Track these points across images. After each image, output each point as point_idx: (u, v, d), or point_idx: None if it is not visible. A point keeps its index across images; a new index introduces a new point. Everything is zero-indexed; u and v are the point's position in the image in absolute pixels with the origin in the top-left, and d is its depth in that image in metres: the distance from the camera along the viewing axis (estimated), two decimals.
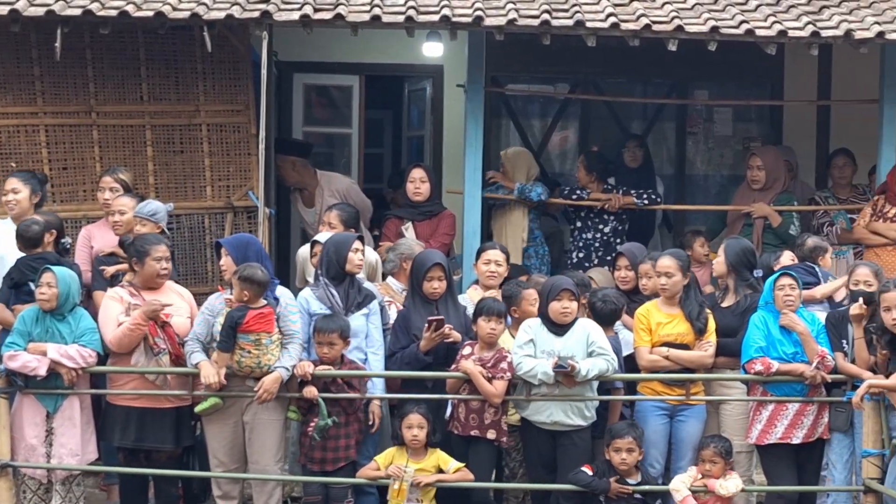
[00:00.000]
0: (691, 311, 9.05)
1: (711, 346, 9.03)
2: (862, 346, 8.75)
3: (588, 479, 8.63)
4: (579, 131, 13.37)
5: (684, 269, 9.14)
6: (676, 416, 9.05)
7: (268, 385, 8.58)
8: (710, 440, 8.87)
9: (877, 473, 8.72)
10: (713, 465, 8.76)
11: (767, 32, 10.07)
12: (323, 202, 11.31)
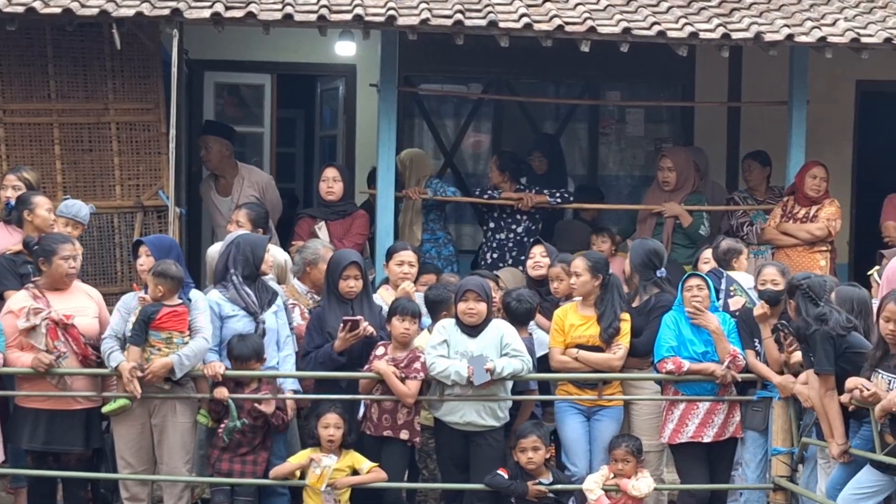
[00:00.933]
0: (604, 316, 9.08)
1: (621, 350, 9.05)
2: (771, 346, 8.83)
3: (506, 483, 8.63)
4: (492, 131, 13.37)
5: (594, 270, 9.14)
6: (592, 417, 9.07)
7: (155, 368, 8.46)
8: (621, 440, 8.90)
9: (786, 472, 8.82)
10: (625, 464, 8.80)
11: (679, 34, 10.14)
12: (241, 193, 11.21)
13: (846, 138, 12.80)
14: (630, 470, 8.79)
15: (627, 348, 9.06)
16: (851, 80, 12.57)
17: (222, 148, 11.38)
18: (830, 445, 8.12)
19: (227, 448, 8.65)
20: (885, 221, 11.29)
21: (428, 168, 11.82)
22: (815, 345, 8.05)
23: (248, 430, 8.63)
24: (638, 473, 8.82)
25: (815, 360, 8.06)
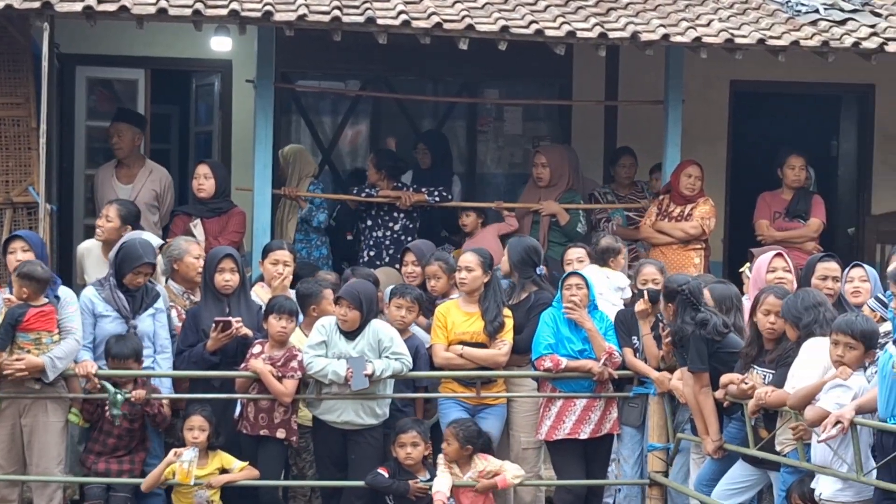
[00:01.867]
0: (488, 311, 9.07)
1: (506, 346, 9.06)
2: (650, 343, 8.90)
3: (387, 482, 8.59)
4: (370, 129, 13.32)
5: (485, 265, 9.16)
6: (477, 415, 9.06)
7: (22, 365, 8.26)
8: (456, 420, 8.84)
9: (662, 467, 8.90)
10: (448, 445, 8.69)
11: (556, 33, 10.17)
12: (144, 186, 11.02)
13: (720, 137, 12.95)
14: (454, 453, 8.73)
15: (512, 344, 9.06)
16: (725, 80, 12.73)
17: (134, 136, 11.24)
18: (705, 441, 8.21)
19: (102, 451, 8.50)
20: (758, 219, 11.44)
21: (311, 165, 11.74)
22: (688, 344, 8.12)
23: (124, 432, 8.50)
24: (473, 461, 8.76)
25: (688, 358, 8.15)
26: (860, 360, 7.11)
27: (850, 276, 8.46)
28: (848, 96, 13.56)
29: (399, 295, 9.18)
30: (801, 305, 7.54)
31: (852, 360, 7.10)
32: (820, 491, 7.23)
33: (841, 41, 10.46)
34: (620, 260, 9.95)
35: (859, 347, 7.09)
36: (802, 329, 7.49)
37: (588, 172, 12.25)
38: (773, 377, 7.69)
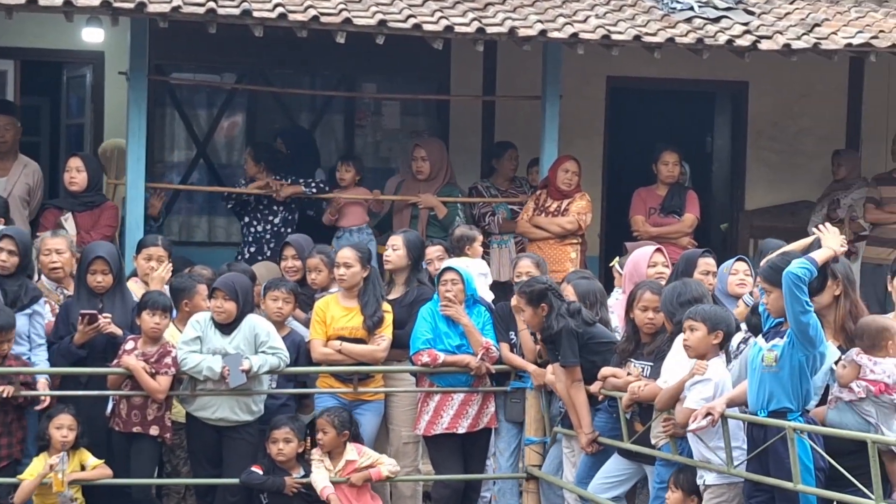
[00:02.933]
0: (367, 306, 9.03)
1: (385, 341, 9.02)
2: (527, 337, 8.92)
3: (261, 479, 8.51)
4: (246, 122, 13.19)
5: (364, 260, 9.11)
6: (355, 411, 9.01)
7: None
8: (327, 409, 8.82)
9: (538, 461, 8.93)
10: (324, 434, 8.68)
11: (434, 28, 10.15)
12: (18, 179, 10.82)
13: (597, 133, 13.04)
14: (329, 441, 8.68)
15: (391, 339, 9.03)
16: (602, 76, 12.80)
17: (16, 129, 11.05)
18: (579, 435, 8.25)
19: None
20: (633, 215, 11.54)
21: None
22: (559, 339, 8.15)
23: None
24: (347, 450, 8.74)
25: (560, 353, 8.18)
26: (706, 343, 7.17)
27: (734, 268, 8.57)
28: (722, 93, 13.73)
29: (274, 288, 9.11)
30: (677, 301, 7.60)
31: (697, 342, 7.16)
32: (704, 478, 7.29)
33: (715, 38, 10.57)
34: (477, 247, 9.93)
35: (700, 328, 7.16)
36: (675, 325, 7.55)
37: (466, 167, 12.26)
38: (651, 370, 7.76)
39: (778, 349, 6.73)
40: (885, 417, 6.75)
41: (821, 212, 12.30)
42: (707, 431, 7.18)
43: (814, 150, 13.11)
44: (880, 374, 6.71)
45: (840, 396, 6.81)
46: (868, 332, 6.79)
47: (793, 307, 6.58)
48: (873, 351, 6.77)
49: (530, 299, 8.29)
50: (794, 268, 6.58)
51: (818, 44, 10.66)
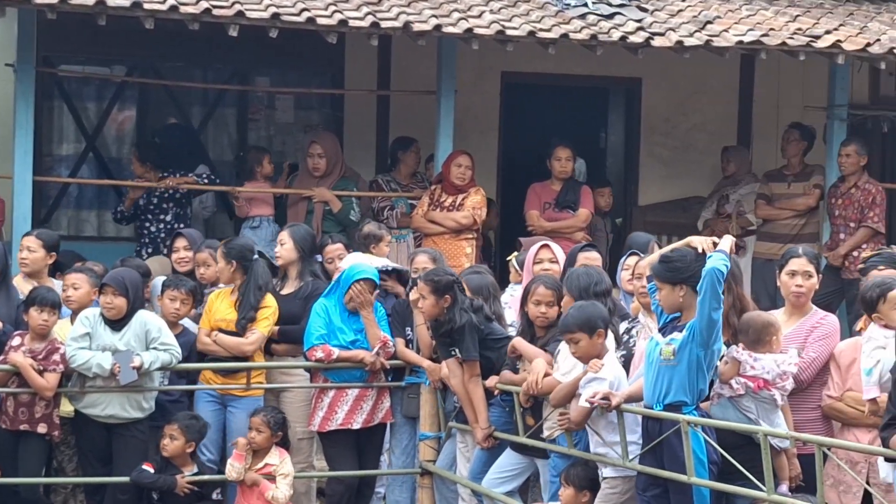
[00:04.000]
0: (243, 299, 8.96)
1: (255, 335, 8.94)
2: (423, 332, 8.90)
3: (152, 478, 8.41)
4: (137, 115, 13.01)
5: (228, 257, 9.05)
6: (228, 406, 8.92)
7: None
8: (262, 408, 8.78)
9: (433, 456, 8.92)
10: (259, 433, 8.66)
11: (328, 21, 10.09)
12: None
13: (492, 128, 13.05)
14: (264, 441, 8.64)
15: (264, 334, 8.96)
16: (497, 72, 12.82)
17: None
18: (475, 430, 8.25)
19: None
20: (528, 210, 11.57)
21: None
22: (461, 333, 8.13)
23: None
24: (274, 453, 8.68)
25: (462, 347, 8.15)
26: (594, 347, 7.21)
27: (626, 264, 8.62)
28: (616, 89, 13.82)
29: (173, 287, 8.99)
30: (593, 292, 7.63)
31: (584, 351, 7.22)
32: (601, 471, 7.34)
33: (609, 35, 10.62)
34: (383, 247, 9.92)
35: (581, 337, 7.22)
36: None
37: (361, 161, 12.21)
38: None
39: (676, 343, 6.77)
40: (766, 413, 6.81)
41: (710, 207, 12.44)
42: (603, 425, 7.21)
43: (706, 147, 13.24)
44: (760, 370, 6.77)
45: (721, 392, 6.87)
46: (753, 327, 6.85)
47: (710, 303, 6.60)
48: (757, 347, 6.82)
49: (436, 289, 8.23)
50: (718, 264, 6.60)
51: (710, 41, 10.75)
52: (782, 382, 6.80)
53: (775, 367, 6.77)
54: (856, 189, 11.55)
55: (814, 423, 7.13)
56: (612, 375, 7.19)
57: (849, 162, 11.51)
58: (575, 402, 7.31)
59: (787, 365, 6.80)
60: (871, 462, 6.77)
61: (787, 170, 12.20)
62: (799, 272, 7.34)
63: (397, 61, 12.52)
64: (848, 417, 7.03)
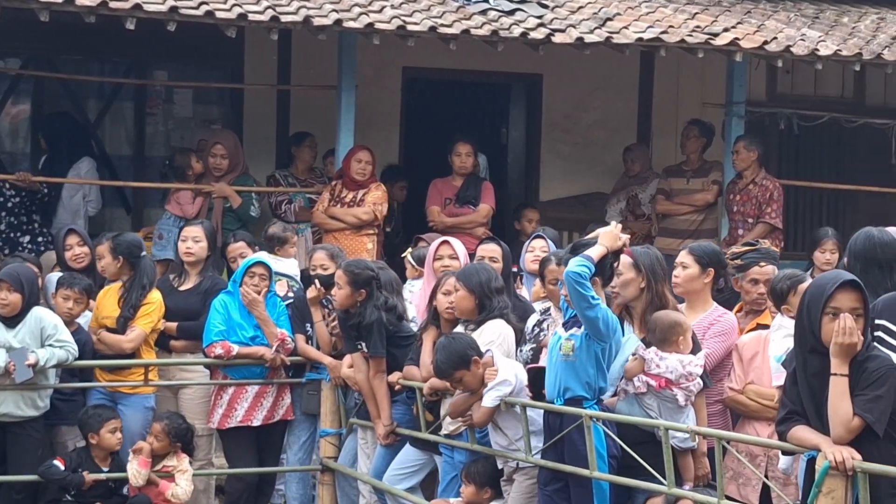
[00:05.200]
0: (127, 295, 8.88)
1: (134, 332, 8.84)
2: (322, 329, 8.88)
3: (62, 474, 8.30)
4: (32, 109, 12.80)
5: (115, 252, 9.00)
6: (118, 404, 8.82)
7: None
8: (166, 415, 8.68)
9: (333, 452, 8.89)
10: (157, 441, 8.55)
11: (227, 15, 10.01)
12: None
13: (393, 123, 13.02)
14: (162, 448, 8.55)
15: (145, 332, 8.86)
16: (398, 67, 12.79)
17: None
18: (377, 427, 8.22)
19: None
20: (429, 205, 11.55)
21: None
22: (370, 330, 8.10)
23: None
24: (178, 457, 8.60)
25: (370, 344, 8.13)
26: (476, 376, 7.22)
27: (531, 245, 8.61)
28: (517, 85, 13.84)
29: (66, 286, 8.84)
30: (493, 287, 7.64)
31: (470, 385, 7.24)
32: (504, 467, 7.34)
33: (510, 31, 10.64)
34: (289, 249, 9.88)
35: (463, 374, 7.24)
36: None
37: (261, 156, 12.11)
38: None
39: (575, 339, 6.78)
40: (670, 413, 6.82)
41: (617, 205, 12.48)
42: (506, 420, 7.22)
43: (606, 143, 13.32)
44: (664, 369, 6.79)
45: (626, 389, 6.91)
46: (660, 326, 6.88)
47: (578, 304, 6.64)
48: (664, 346, 6.85)
49: (354, 280, 8.19)
50: (573, 267, 6.63)
51: (610, 38, 10.82)
52: (687, 383, 6.80)
53: (680, 368, 6.79)
54: (753, 185, 11.68)
55: (712, 417, 7.18)
56: (511, 376, 7.17)
57: (739, 159, 11.64)
58: (477, 404, 7.29)
59: (692, 366, 6.81)
60: (770, 455, 6.84)
61: (686, 166, 12.30)
62: (677, 263, 7.46)
63: (297, 56, 12.44)
64: (749, 410, 7.09)
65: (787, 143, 13.39)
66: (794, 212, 13.14)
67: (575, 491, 6.84)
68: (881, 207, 13.14)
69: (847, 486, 5.35)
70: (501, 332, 7.54)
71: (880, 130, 12.92)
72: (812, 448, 5.47)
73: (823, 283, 5.49)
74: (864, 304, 5.40)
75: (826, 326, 5.39)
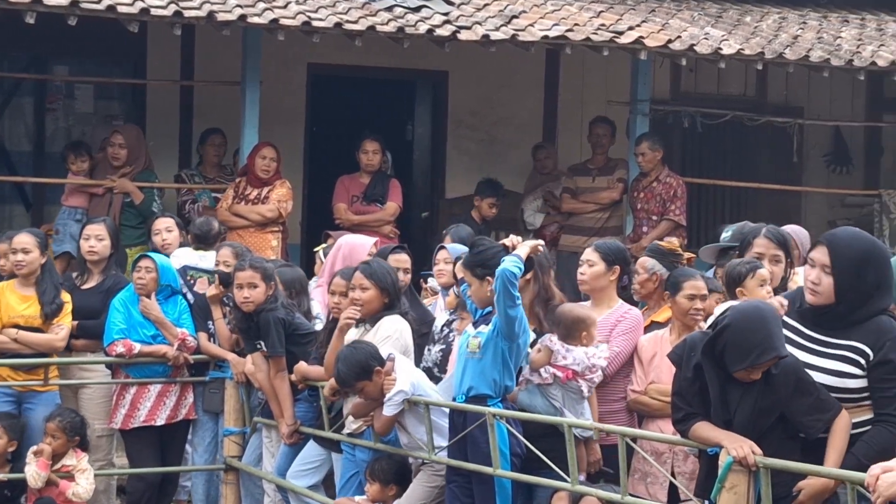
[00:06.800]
0: (45, 294, 8.73)
1: (63, 330, 8.75)
2: (222, 326, 8.81)
3: None
4: None
5: (42, 246, 8.83)
6: (24, 403, 8.68)
7: None
8: (57, 412, 8.56)
9: (237, 451, 8.82)
10: (54, 440, 8.43)
11: (129, 10, 9.93)
12: None
13: (298, 120, 12.95)
14: (60, 446, 8.43)
15: (70, 329, 8.75)
16: (304, 63, 12.72)
17: None
18: (280, 425, 8.16)
19: None
20: (336, 203, 11.50)
21: None
22: (268, 328, 8.04)
23: None
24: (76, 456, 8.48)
25: (268, 342, 8.07)
26: (377, 386, 7.14)
27: (436, 259, 8.61)
28: (423, 82, 13.83)
29: None
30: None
31: (371, 395, 7.19)
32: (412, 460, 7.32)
33: (416, 28, 10.63)
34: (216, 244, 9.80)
35: (365, 384, 7.16)
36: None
37: (164, 153, 11.99)
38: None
39: (482, 336, 6.78)
40: (573, 402, 6.87)
41: (535, 202, 12.51)
42: (409, 419, 7.20)
43: (512, 140, 13.35)
44: (571, 361, 6.83)
45: (530, 379, 6.92)
46: (564, 321, 6.90)
47: (505, 302, 6.63)
48: (568, 340, 6.88)
49: (267, 275, 8.15)
50: (509, 266, 6.62)
51: (516, 35, 10.84)
52: (591, 375, 6.87)
53: (586, 360, 6.84)
54: (657, 183, 11.77)
55: (618, 414, 7.21)
56: (408, 385, 7.13)
57: (645, 160, 11.73)
58: (379, 411, 7.26)
59: (597, 358, 6.88)
60: (675, 452, 6.89)
61: (591, 164, 12.36)
62: (584, 261, 7.49)
63: (201, 52, 12.33)
64: (652, 410, 7.13)
65: (691, 140, 13.51)
66: (697, 209, 13.25)
67: (478, 488, 6.84)
68: (783, 205, 13.33)
69: (749, 482, 5.39)
70: (397, 327, 7.51)
71: (782, 129, 13.09)
72: (714, 444, 5.50)
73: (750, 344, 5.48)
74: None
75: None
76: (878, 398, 5.45)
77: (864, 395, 5.49)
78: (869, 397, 5.48)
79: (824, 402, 5.43)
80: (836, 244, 5.51)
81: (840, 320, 5.52)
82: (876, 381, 5.45)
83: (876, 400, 5.46)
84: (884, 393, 5.43)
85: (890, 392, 5.43)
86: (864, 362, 5.45)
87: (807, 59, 11.57)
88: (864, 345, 5.45)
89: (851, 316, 5.49)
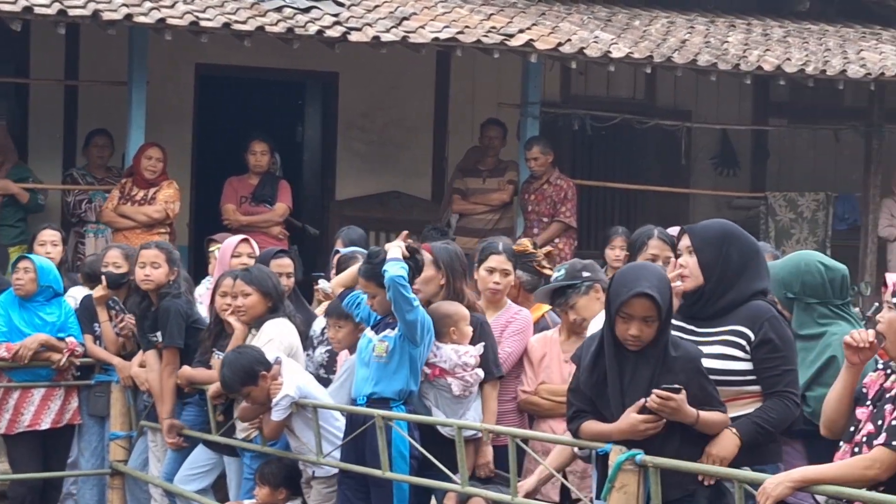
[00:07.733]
0: None
1: None
2: (108, 329, 8.71)
3: None
4: None
5: None
6: None
7: None
8: None
9: (123, 455, 8.71)
10: None
11: (11, 8, 9.82)
12: None
13: (186, 120, 12.80)
14: None
15: None
16: (191, 63, 12.58)
17: None
18: (163, 425, 8.06)
19: None
20: (224, 204, 11.40)
21: None
22: (166, 317, 7.95)
23: None
24: None
25: (166, 333, 7.98)
26: (263, 391, 7.10)
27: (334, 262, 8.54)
28: (313, 83, 13.77)
29: None
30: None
31: (258, 399, 7.14)
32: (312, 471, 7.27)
33: (305, 29, 10.57)
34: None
35: (251, 390, 7.13)
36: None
37: (47, 154, 11.78)
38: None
39: (389, 340, 6.75)
40: (448, 402, 6.86)
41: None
42: (297, 423, 7.15)
43: (402, 141, 13.33)
44: (439, 358, 6.83)
45: None
46: (433, 318, 6.88)
47: (402, 307, 6.61)
48: (439, 337, 6.87)
49: (171, 258, 8.10)
50: (395, 271, 6.58)
51: (406, 37, 10.83)
52: (462, 373, 6.84)
53: (455, 358, 6.82)
54: (548, 185, 11.82)
55: (510, 414, 7.21)
56: (293, 389, 7.07)
57: (536, 164, 11.78)
58: (267, 415, 7.19)
59: (467, 356, 6.85)
60: None
61: (481, 165, 12.38)
62: (497, 269, 7.39)
63: (86, 51, 12.14)
64: (543, 409, 7.13)
65: (581, 143, 13.57)
66: (587, 211, 13.31)
67: (374, 490, 6.82)
68: (671, 208, 13.45)
69: (639, 481, 5.40)
70: (280, 329, 7.47)
71: (670, 132, 13.21)
72: (605, 439, 5.49)
73: (622, 284, 5.48)
74: (657, 311, 5.40)
75: (619, 327, 5.43)
76: (765, 378, 5.52)
77: (750, 378, 5.54)
78: (754, 382, 5.54)
79: (714, 398, 5.45)
80: (695, 228, 5.73)
81: (713, 304, 5.58)
82: (760, 361, 5.51)
83: (764, 380, 5.52)
84: (771, 372, 5.50)
85: (777, 370, 5.50)
86: (746, 344, 5.51)
87: (694, 63, 11.69)
88: (743, 327, 5.52)
89: (724, 299, 5.56)
